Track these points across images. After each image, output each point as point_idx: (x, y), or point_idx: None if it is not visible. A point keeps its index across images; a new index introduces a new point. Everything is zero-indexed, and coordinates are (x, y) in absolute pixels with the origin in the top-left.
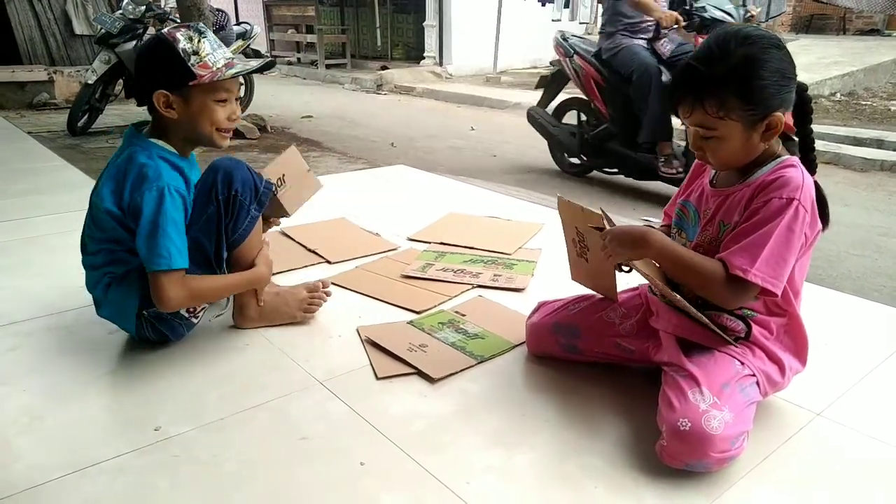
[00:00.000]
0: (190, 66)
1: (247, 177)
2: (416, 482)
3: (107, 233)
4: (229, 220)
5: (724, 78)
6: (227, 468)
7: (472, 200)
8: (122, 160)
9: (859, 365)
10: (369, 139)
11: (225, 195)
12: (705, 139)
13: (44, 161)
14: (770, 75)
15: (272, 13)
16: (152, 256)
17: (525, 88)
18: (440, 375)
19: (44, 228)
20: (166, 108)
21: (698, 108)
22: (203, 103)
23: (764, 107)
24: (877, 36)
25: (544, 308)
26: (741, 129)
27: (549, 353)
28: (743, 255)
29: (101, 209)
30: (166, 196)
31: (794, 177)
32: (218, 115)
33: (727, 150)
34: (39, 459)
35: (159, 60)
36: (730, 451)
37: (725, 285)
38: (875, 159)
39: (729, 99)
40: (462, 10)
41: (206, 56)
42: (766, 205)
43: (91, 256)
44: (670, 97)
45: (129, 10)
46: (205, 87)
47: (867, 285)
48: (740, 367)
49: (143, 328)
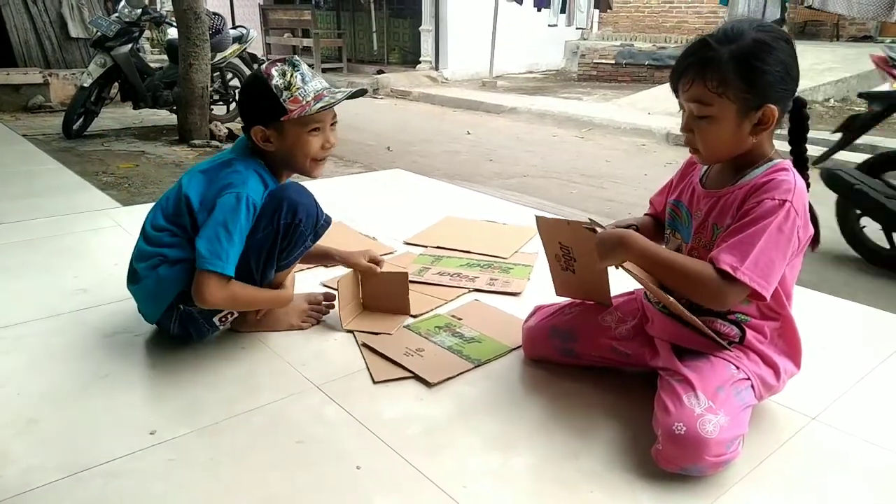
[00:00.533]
0: (282, 101)
1: (311, 208)
2: (413, 486)
3: (179, 218)
4: (286, 246)
5: (731, 56)
6: (224, 472)
7: (468, 204)
8: (224, 158)
9: (854, 369)
10: (365, 143)
11: (287, 221)
12: (698, 119)
13: (39, 164)
14: (774, 65)
15: (268, 17)
16: (211, 256)
17: (521, 93)
18: (437, 380)
19: (39, 231)
20: (264, 142)
21: (699, 81)
22: (297, 136)
23: (762, 94)
24: (870, 42)
25: (541, 312)
26: (735, 112)
27: (546, 357)
28: (732, 253)
29: (185, 195)
30: (243, 204)
31: (787, 179)
32: (312, 146)
33: (717, 134)
34: (35, 463)
35: (255, 97)
36: (725, 455)
37: (713, 284)
38: None
39: (730, 77)
40: (458, 15)
41: (297, 91)
42: (759, 205)
43: (154, 232)
44: (676, 67)
45: (125, 14)
46: (297, 120)
47: (862, 290)
48: (735, 371)
49: (171, 320)
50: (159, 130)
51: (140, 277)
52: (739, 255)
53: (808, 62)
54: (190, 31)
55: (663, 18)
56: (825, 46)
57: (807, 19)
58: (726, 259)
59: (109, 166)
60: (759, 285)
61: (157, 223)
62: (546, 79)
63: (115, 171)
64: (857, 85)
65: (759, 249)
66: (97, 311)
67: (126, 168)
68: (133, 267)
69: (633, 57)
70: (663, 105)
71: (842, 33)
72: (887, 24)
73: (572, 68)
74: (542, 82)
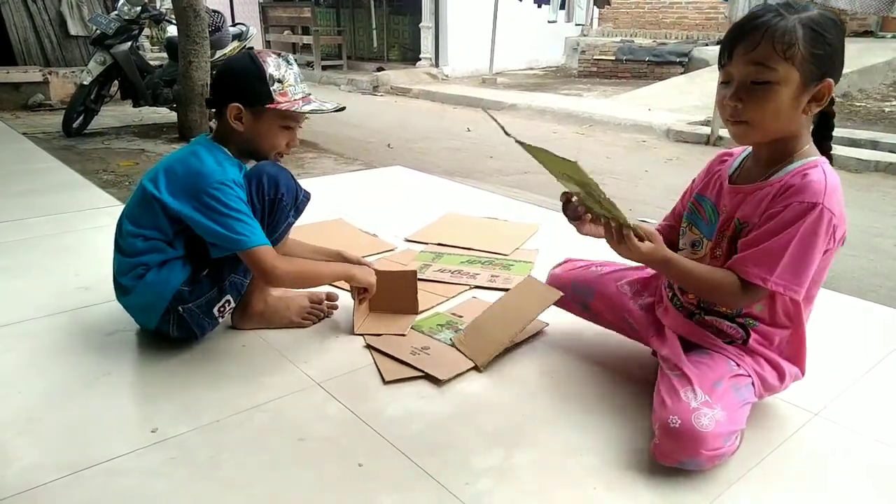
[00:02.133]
0: (272, 90)
1: (290, 183)
2: (415, 483)
3: (151, 219)
4: (271, 221)
5: (801, 23)
6: (225, 470)
7: (469, 201)
8: (185, 152)
9: (857, 365)
10: (366, 140)
11: (271, 196)
12: (755, 85)
13: (39, 162)
14: (836, 41)
15: (268, 14)
16: (241, 237)
17: (521, 90)
18: (447, 377)
19: (39, 230)
20: (235, 119)
21: (767, 43)
22: (271, 126)
23: (825, 66)
24: (871, 38)
25: (569, 264)
26: (798, 81)
27: (562, 303)
28: (760, 264)
29: (151, 194)
30: (234, 187)
31: (816, 179)
32: (280, 139)
33: (774, 103)
34: (36, 461)
35: (246, 76)
36: (721, 449)
37: (738, 294)
38: (870, 160)
39: (799, 43)
40: (458, 12)
41: (289, 87)
42: (786, 209)
43: (128, 240)
44: (735, 32)
45: (124, 11)
46: (278, 112)
47: (864, 286)
48: (735, 367)
49: (170, 323)
50: (159, 128)
51: (128, 289)
52: (768, 264)
53: None
54: (189, 29)
55: (663, 14)
56: None
57: None
58: (754, 270)
59: (110, 164)
60: (794, 291)
61: (128, 230)
62: (546, 75)
63: (116, 170)
64: (859, 80)
65: (790, 255)
66: (98, 308)
67: (126, 166)
68: (118, 281)
69: (633, 53)
70: (664, 101)
71: (843, 28)
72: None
73: (572, 65)
74: (542, 79)
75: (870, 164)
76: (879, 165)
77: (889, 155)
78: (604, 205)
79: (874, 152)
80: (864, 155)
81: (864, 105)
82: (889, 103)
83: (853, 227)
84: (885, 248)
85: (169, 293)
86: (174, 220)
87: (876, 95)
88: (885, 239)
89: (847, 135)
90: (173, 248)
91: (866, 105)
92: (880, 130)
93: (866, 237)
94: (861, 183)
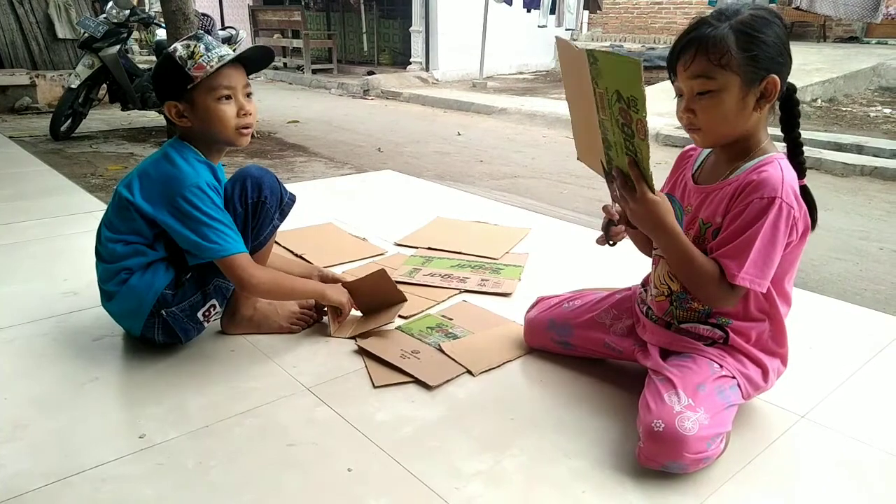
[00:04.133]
0: (186, 70)
1: (275, 185)
2: (405, 488)
3: (129, 224)
4: (255, 225)
5: (731, 29)
6: (214, 475)
7: (459, 205)
8: (157, 155)
9: (842, 368)
10: (356, 144)
11: (254, 200)
12: (700, 95)
13: (26, 166)
14: (773, 38)
15: (258, 18)
16: (214, 246)
17: (511, 94)
18: (437, 383)
19: (26, 234)
20: (179, 117)
21: (701, 56)
22: (206, 104)
23: (764, 64)
24: (856, 43)
25: (542, 304)
26: (739, 84)
27: (543, 347)
28: (732, 260)
29: (127, 200)
30: (207, 190)
31: (773, 175)
32: (225, 113)
33: (721, 109)
34: (22, 468)
35: (162, 72)
36: (705, 453)
37: (718, 286)
38: (855, 164)
39: (732, 49)
40: (448, 16)
41: (200, 58)
42: (748, 207)
43: (108, 246)
44: (674, 49)
45: (112, 15)
46: (204, 88)
47: (849, 289)
48: (718, 369)
49: (154, 328)
50: (148, 132)
51: (112, 295)
52: (738, 260)
53: (795, 63)
54: (179, 33)
55: (652, 19)
56: (812, 47)
57: (794, 20)
58: (729, 266)
59: (98, 168)
60: (757, 284)
61: (107, 237)
62: (536, 79)
63: (104, 173)
64: (844, 85)
65: (755, 251)
66: (87, 313)
67: (115, 170)
68: (102, 288)
69: None
70: (652, 105)
71: (828, 34)
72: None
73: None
74: (532, 83)
75: (855, 169)
76: (864, 169)
77: (874, 159)
78: (637, 136)
79: (859, 156)
80: (849, 159)
81: (850, 110)
82: (874, 108)
83: (838, 230)
84: (870, 252)
85: (152, 297)
86: (152, 223)
87: (861, 100)
88: (869, 243)
89: (833, 139)
90: (154, 251)
91: (852, 110)
92: (865, 135)
93: (852, 240)
94: (847, 187)
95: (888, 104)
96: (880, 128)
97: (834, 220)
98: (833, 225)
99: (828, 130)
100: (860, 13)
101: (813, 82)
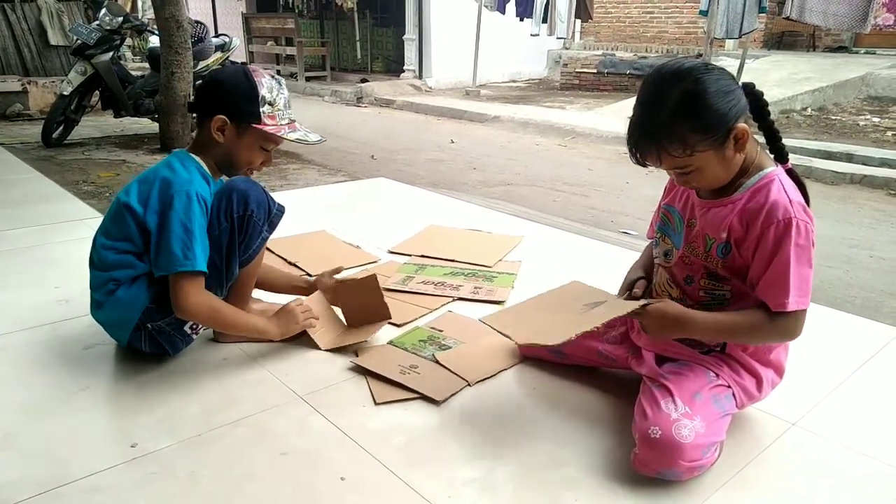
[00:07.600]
0: (262, 111)
1: (262, 198)
2: (398, 496)
3: (122, 229)
4: (243, 239)
5: (674, 121)
6: (206, 484)
7: (452, 213)
8: (160, 164)
9: (833, 375)
10: (349, 151)
11: (240, 213)
12: (685, 174)
13: (17, 173)
14: (714, 98)
15: (251, 25)
16: (177, 256)
17: (504, 102)
18: (443, 398)
19: (18, 241)
20: (218, 130)
21: (665, 157)
22: (252, 143)
23: (723, 127)
24: (845, 53)
25: None
26: (713, 154)
27: (536, 356)
28: (775, 291)
29: (124, 203)
30: (195, 200)
31: (779, 197)
32: (257, 158)
33: (710, 175)
34: (13, 477)
35: (238, 91)
36: (700, 461)
37: (772, 325)
38: (845, 173)
39: (688, 136)
40: (441, 25)
41: (278, 111)
42: (767, 235)
43: (101, 252)
44: (633, 151)
45: (105, 22)
46: (261, 135)
47: (839, 296)
48: (714, 378)
49: (141, 339)
50: (141, 139)
51: (100, 304)
52: (781, 290)
53: (786, 72)
54: (172, 40)
55: (644, 28)
56: (802, 57)
57: (784, 30)
58: (774, 300)
59: (90, 175)
60: (803, 304)
61: (101, 243)
62: (529, 88)
63: (96, 181)
64: (833, 94)
65: (793, 274)
66: (78, 321)
67: (107, 177)
68: (92, 296)
69: (614, 66)
70: None
71: (818, 44)
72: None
73: (555, 77)
74: (524, 91)
75: (845, 177)
76: (854, 178)
77: (863, 167)
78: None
79: (849, 165)
80: (839, 167)
81: (839, 119)
82: (863, 117)
83: (829, 238)
84: (860, 260)
85: (137, 311)
86: (143, 229)
87: (850, 109)
88: (860, 250)
89: (823, 148)
90: (143, 262)
91: (841, 119)
92: (854, 143)
93: (842, 248)
94: (837, 195)
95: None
96: (869, 136)
97: (824, 228)
98: (823, 233)
99: (818, 139)
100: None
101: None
